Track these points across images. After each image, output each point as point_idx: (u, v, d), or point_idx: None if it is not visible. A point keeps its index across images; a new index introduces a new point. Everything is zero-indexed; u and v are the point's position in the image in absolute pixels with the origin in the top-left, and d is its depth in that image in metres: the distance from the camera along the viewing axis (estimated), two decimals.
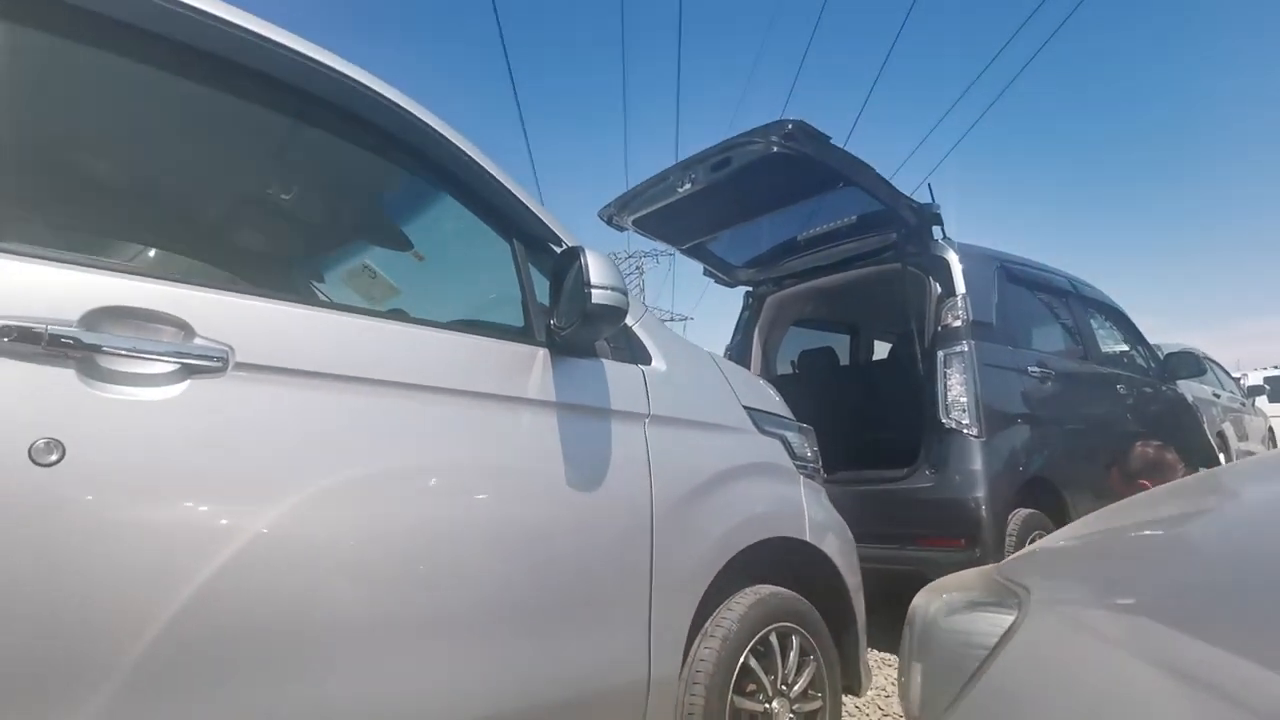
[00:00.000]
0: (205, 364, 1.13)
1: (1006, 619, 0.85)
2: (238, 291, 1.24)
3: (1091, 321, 4.84)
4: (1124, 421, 4.62)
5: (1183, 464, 4.62)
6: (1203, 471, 1.24)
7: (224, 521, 1.12)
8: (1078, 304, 4.79)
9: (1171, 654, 0.63)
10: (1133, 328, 5.36)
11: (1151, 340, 5.63)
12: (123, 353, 1.07)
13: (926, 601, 1.03)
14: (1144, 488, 4.09)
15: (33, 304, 1.01)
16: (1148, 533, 1.00)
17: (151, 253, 1.48)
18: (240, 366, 1.17)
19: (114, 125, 1.48)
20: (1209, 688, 0.57)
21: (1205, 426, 6.16)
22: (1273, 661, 0.56)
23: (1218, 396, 8.97)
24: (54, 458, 0.98)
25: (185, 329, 1.13)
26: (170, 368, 1.11)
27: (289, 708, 1.16)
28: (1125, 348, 5.19)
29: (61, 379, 1.01)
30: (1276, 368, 15.00)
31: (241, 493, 1.15)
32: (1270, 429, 10.96)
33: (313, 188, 1.84)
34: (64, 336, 1.01)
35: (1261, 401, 11.36)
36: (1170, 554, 0.91)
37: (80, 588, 0.99)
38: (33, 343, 0.99)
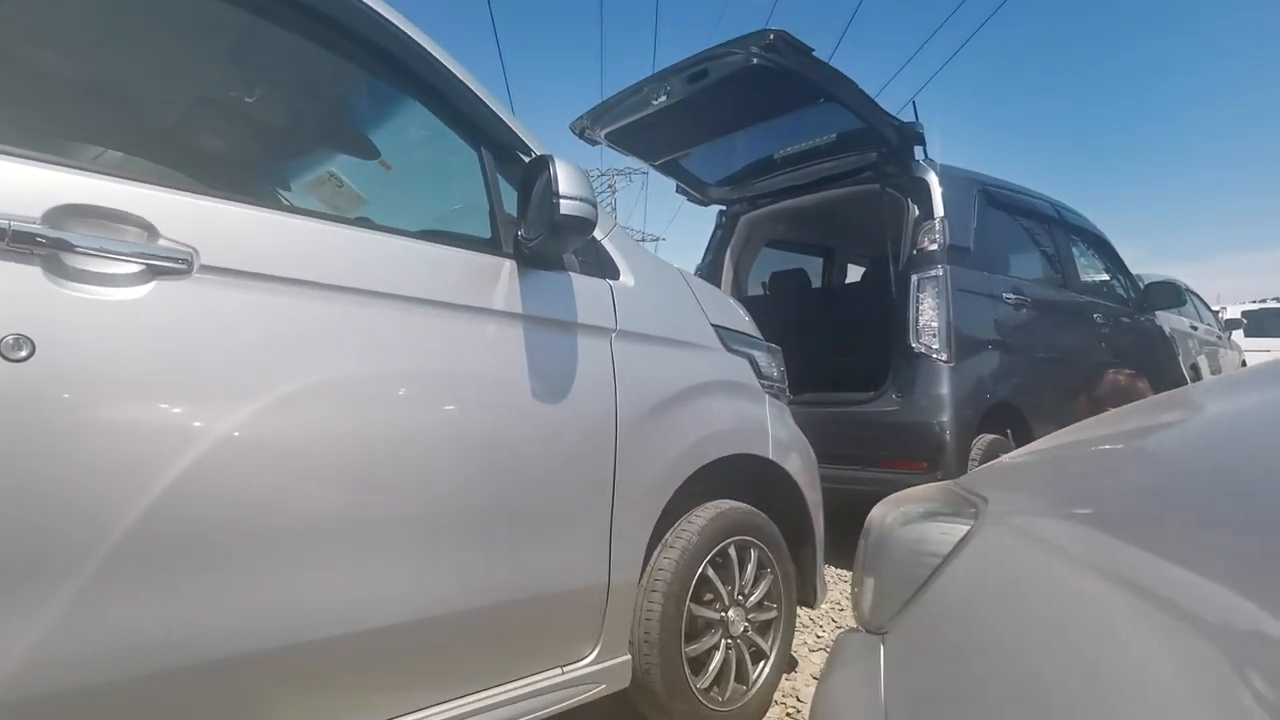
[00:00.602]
0: (170, 265, 1.17)
1: (961, 528, 0.88)
2: (202, 194, 1.27)
3: (1073, 249, 4.92)
4: (1098, 350, 4.75)
5: (1149, 391, 4.80)
6: (1167, 391, 1.29)
7: (188, 421, 1.18)
8: (1060, 231, 4.86)
9: (1120, 564, 0.65)
10: (1115, 256, 5.45)
11: (1135, 270, 5.75)
12: (88, 251, 1.10)
13: (883, 513, 1.06)
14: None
15: None
16: (1108, 446, 1.03)
17: (115, 153, 1.48)
18: (205, 269, 1.21)
19: (78, 23, 1.47)
20: (1155, 598, 0.59)
21: (1180, 358, 6.36)
22: (1218, 572, 0.57)
23: (1195, 329, 9.20)
24: (23, 353, 1.02)
25: (150, 229, 1.16)
26: (136, 268, 1.15)
27: (255, 604, 1.24)
28: (1106, 276, 5.30)
29: (27, 275, 1.05)
30: (1255, 302, 15.31)
31: (205, 394, 1.20)
32: (1244, 363, 11.29)
33: (277, 91, 1.84)
34: (27, 232, 1.04)
35: (1238, 335, 11.64)
36: (1127, 465, 0.94)
37: (49, 481, 1.05)
38: None
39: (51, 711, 1.06)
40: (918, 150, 3.99)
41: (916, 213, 3.85)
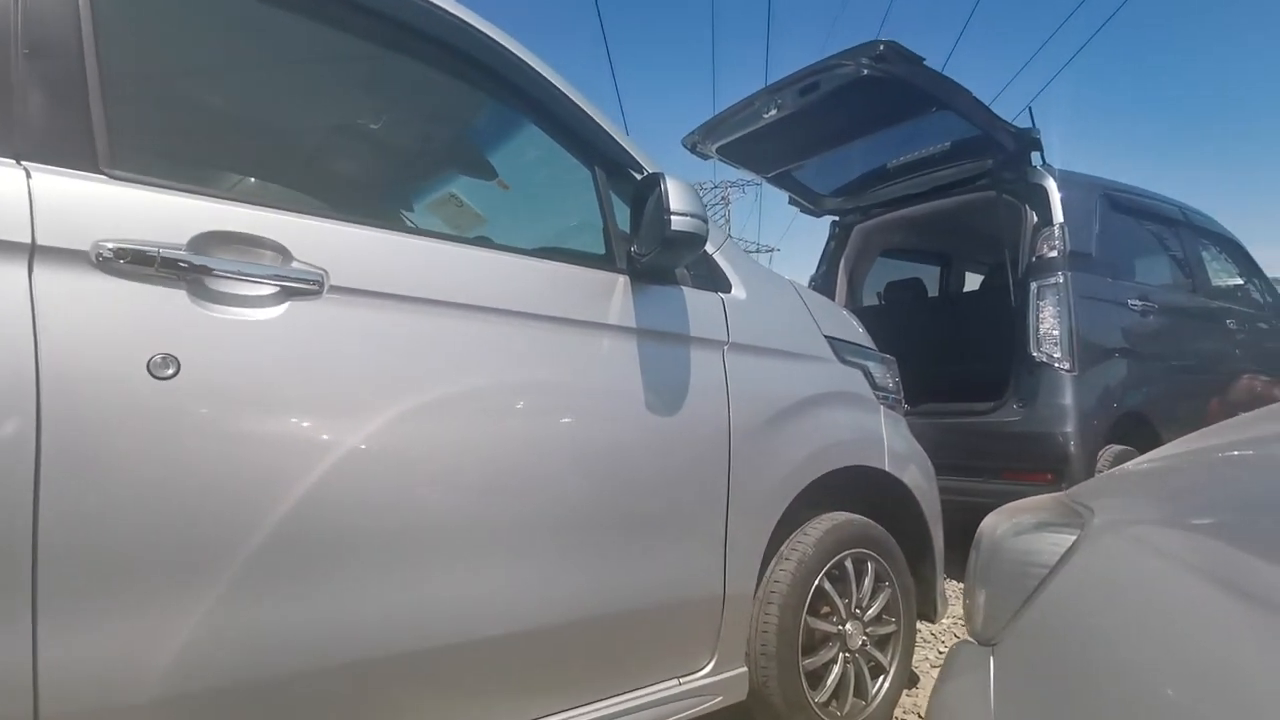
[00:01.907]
0: (302, 286, 1.16)
1: (1069, 539, 0.84)
2: (331, 218, 1.26)
3: (1202, 253, 4.52)
4: (1232, 357, 4.34)
5: None
6: None
7: (323, 434, 1.16)
8: (1188, 235, 4.46)
9: (1232, 571, 0.61)
10: (1249, 260, 4.97)
11: (1272, 274, 5.19)
12: (228, 275, 1.10)
13: (995, 523, 1.01)
14: None
15: (145, 228, 1.04)
16: (1231, 453, 0.96)
17: (251, 181, 1.51)
18: (335, 290, 1.19)
19: (217, 58, 1.51)
20: (1268, 603, 0.55)
21: None
22: None
23: None
24: (170, 371, 1.02)
25: (284, 253, 1.15)
26: (271, 289, 1.14)
27: (386, 609, 1.22)
28: (1239, 281, 4.83)
29: (174, 299, 1.05)
30: None
31: (338, 408, 1.18)
32: None
33: (400, 117, 1.84)
34: (174, 258, 1.05)
35: None
36: (1246, 474, 0.88)
37: (196, 491, 1.05)
38: (146, 264, 1.02)
39: (202, 707, 1.07)
40: (1035, 156, 3.72)
41: (1035, 219, 3.59)
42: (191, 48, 1.47)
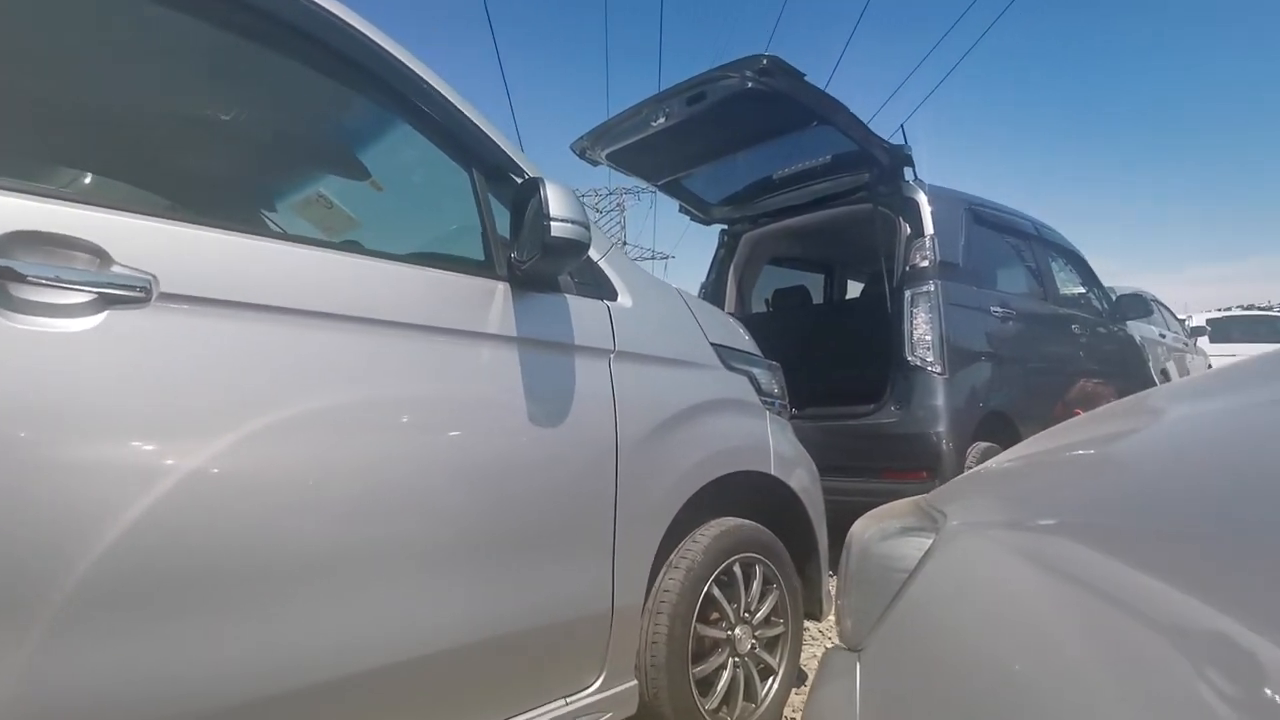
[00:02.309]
0: (125, 294, 1.00)
1: (928, 543, 0.85)
2: (162, 217, 1.09)
3: (1052, 264, 4.81)
4: (1077, 359, 4.63)
5: (1119, 396, 4.65)
6: (1130, 396, 1.22)
7: (149, 460, 1.00)
8: (1040, 247, 4.75)
9: (1078, 570, 0.62)
10: (1089, 270, 5.36)
11: (1109, 283, 5.62)
12: (35, 280, 0.93)
13: (863, 528, 1.00)
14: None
15: None
16: (1075, 453, 0.99)
17: (68, 176, 1.32)
18: (165, 297, 1.03)
19: (36, 37, 1.29)
20: (1111, 601, 0.56)
21: (1150, 364, 6.23)
22: (1173, 575, 0.55)
23: (1163, 337, 9.07)
24: None
25: (101, 256, 0.99)
26: (86, 297, 0.97)
27: (237, 648, 1.07)
28: (1081, 289, 5.20)
29: None
30: (1219, 310, 15.08)
31: (168, 430, 1.03)
32: (1210, 367, 11.10)
33: (256, 108, 1.66)
34: None
35: (1203, 342, 11.47)
36: (1090, 474, 0.90)
37: (1, 525, 0.89)
38: None
39: None
40: (907, 171, 3.85)
41: (908, 231, 3.71)
42: (6, 28, 1.26)
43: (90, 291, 0.97)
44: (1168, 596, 0.53)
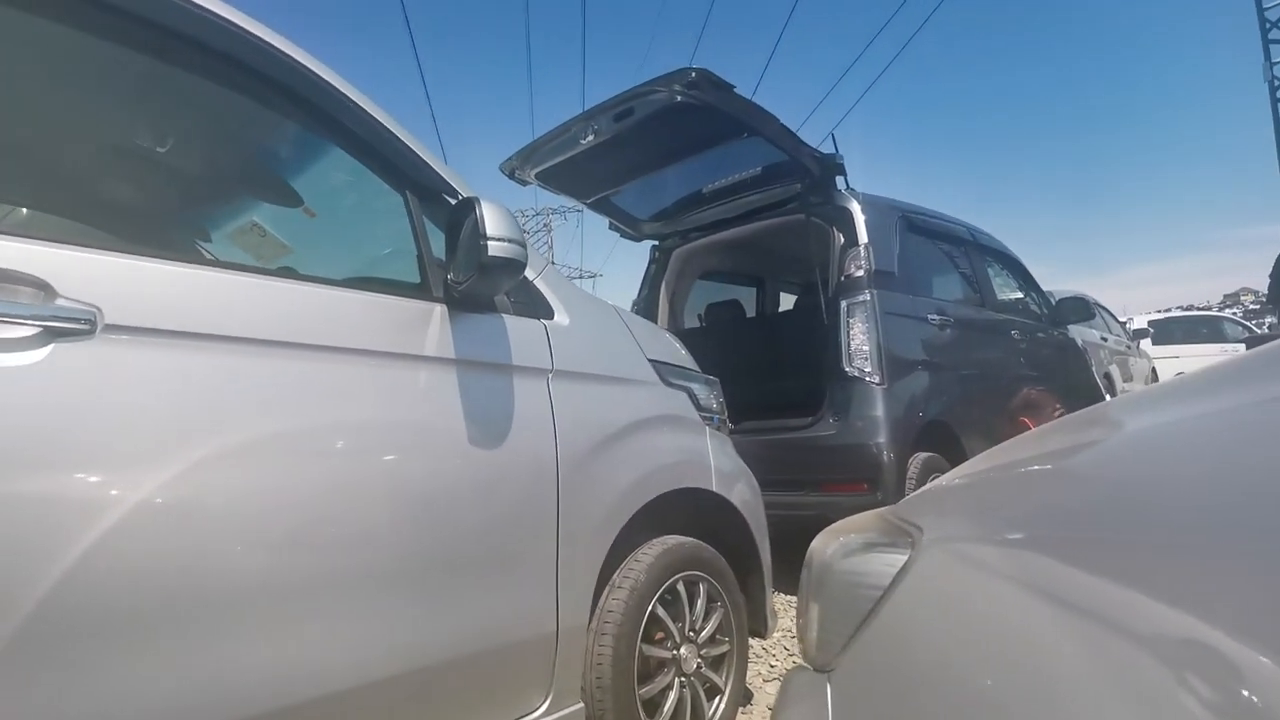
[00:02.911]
0: (70, 326, 1.08)
1: (899, 559, 0.86)
2: (105, 249, 1.18)
3: (989, 269, 5.04)
4: (1017, 365, 4.85)
5: (1060, 403, 4.96)
6: (1088, 407, 1.31)
7: (98, 490, 1.08)
8: (976, 252, 4.98)
9: (1054, 584, 0.65)
10: (1027, 275, 5.62)
11: (1045, 287, 5.95)
12: None
13: (824, 544, 1.03)
14: (1025, 426, 4.37)
15: None
16: (1034, 467, 1.02)
17: (15, 210, 1.38)
18: (111, 328, 1.12)
19: None
20: (1089, 614, 0.59)
21: (1093, 368, 6.59)
22: (1145, 584, 0.58)
23: (1105, 340, 9.55)
24: None
25: (45, 289, 1.07)
26: (30, 331, 1.05)
27: (176, 680, 1.14)
28: (1020, 294, 5.45)
29: None
30: (1160, 312, 15.96)
31: (116, 462, 1.11)
32: (1153, 369, 11.75)
33: (191, 138, 1.74)
34: None
35: (1146, 344, 12.15)
36: (1050, 487, 0.94)
37: None
38: None
39: None
40: (839, 180, 4.05)
41: (842, 240, 3.89)
42: None
43: (35, 325, 1.05)
44: (1145, 606, 0.55)
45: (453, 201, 1.68)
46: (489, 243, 1.49)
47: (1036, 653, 0.61)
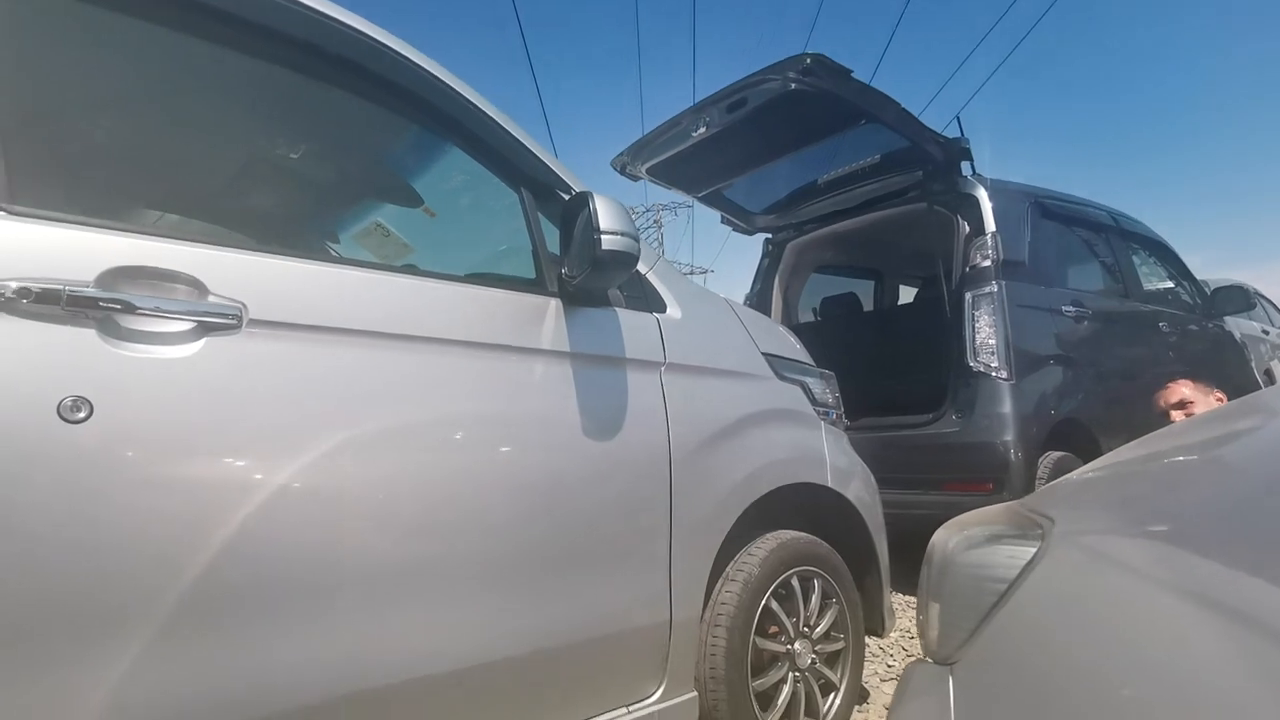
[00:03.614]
0: (220, 321, 1.18)
1: (1027, 551, 0.84)
2: (249, 250, 1.28)
3: (1133, 257, 4.75)
4: (1165, 360, 4.53)
5: (1222, 397, 4.58)
6: (1241, 398, 1.19)
7: (246, 474, 1.17)
8: (1118, 239, 4.70)
9: (1197, 581, 0.62)
10: (1178, 262, 5.26)
11: (1201, 276, 5.51)
12: (139, 311, 1.11)
13: (946, 537, 1.01)
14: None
15: (50, 266, 1.05)
16: (1179, 458, 0.98)
17: (163, 214, 1.52)
18: (254, 323, 1.21)
19: (123, 88, 1.52)
20: (1235, 614, 0.56)
21: (1253, 363, 6.06)
22: None
23: (1266, 333, 8.77)
24: (82, 415, 1.03)
25: (199, 287, 1.17)
26: (186, 325, 1.15)
27: (320, 654, 1.23)
28: (1169, 284, 5.10)
29: (83, 338, 1.06)
30: None
31: (261, 447, 1.20)
32: None
33: (321, 145, 1.87)
34: (82, 296, 1.05)
35: None
36: (1200, 478, 0.89)
37: (114, 540, 1.05)
38: (52, 303, 1.03)
39: None
40: (965, 166, 3.90)
41: (967, 229, 3.74)
42: (99, 79, 1.48)
43: (189, 320, 1.16)
44: None
45: (566, 197, 1.72)
46: (603, 236, 1.51)
47: (1181, 656, 0.58)
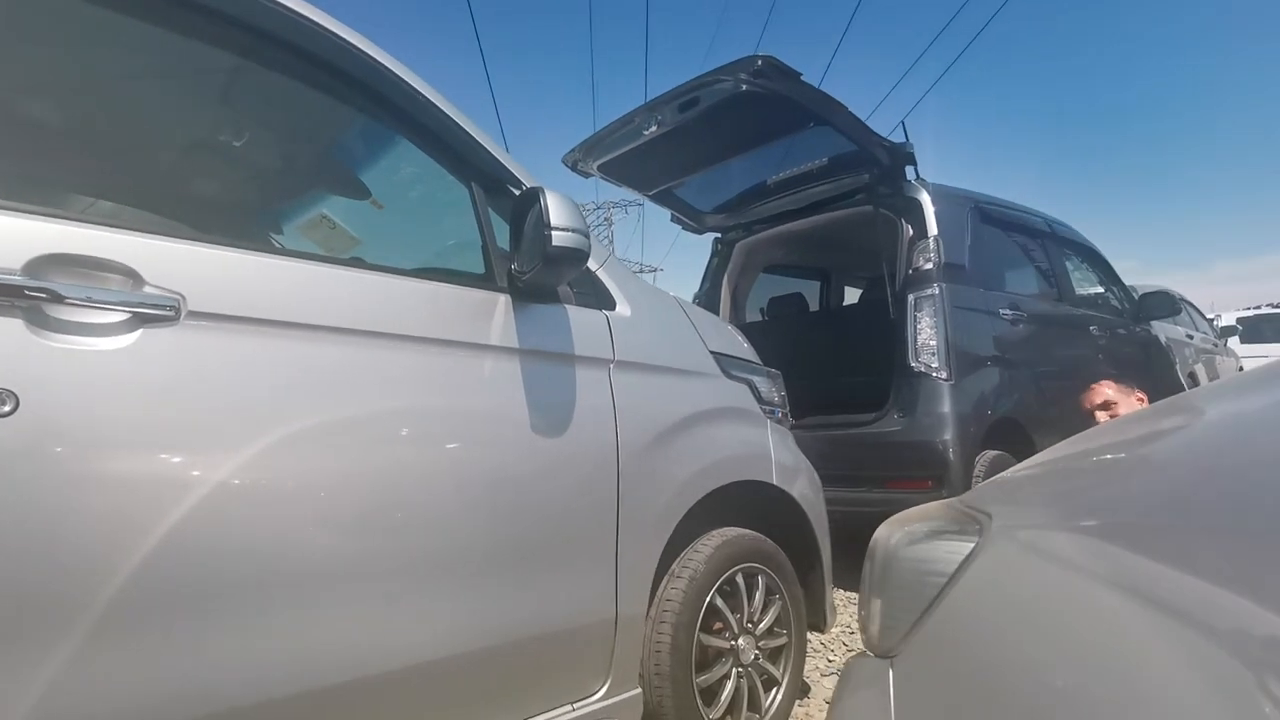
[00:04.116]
0: (156, 313, 1.14)
1: (966, 546, 0.86)
2: (187, 239, 1.24)
3: (1067, 263, 4.90)
4: (1095, 363, 4.69)
5: (1143, 398, 4.76)
6: (1170, 397, 1.23)
7: (181, 471, 1.14)
8: (1053, 245, 4.85)
9: (1130, 575, 0.63)
10: (1108, 268, 5.44)
11: (1129, 282, 5.73)
12: (70, 301, 1.07)
13: (888, 533, 1.03)
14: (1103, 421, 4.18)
15: None
16: (1111, 456, 1.00)
17: (97, 201, 1.46)
18: (193, 315, 1.18)
19: (57, 68, 1.45)
20: (1168, 608, 0.57)
21: (1177, 367, 6.32)
22: (1228, 578, 0.56)
23: (1191, 337, 9.14)
24: (7, 408, 0.99)
25: (134, 277, 1.13)
26: (120, 317, 1.11)
27: (256, 654, 1.20)
28: (1100, 289, 5.28)
29: (9, 328, 1.02)
30: (1249, 309, 15.07)
31: (198, 442, 1.17)
32: (1241, 369, 11.19)
33: (265, 133, 1.82)
34: (8, 284, 1.01)
35: (1234, 342, 11.54)
36: (1131, 475, 0.92)
37: (40, 537, 1.02)
38: None
39: None
40: (909, 170, 3.97)
41: (911, 232, 3.82)
42: (35, 58, 1.41)
43: (125, 310, 1.12)
44: (1227, 602, 0.54)
45: (517, 192, 1.71)
46: (553, 233, 1.51)
47: (1114, 647, 0.59)
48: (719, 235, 5.07)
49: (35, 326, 1.04)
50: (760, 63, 3.16)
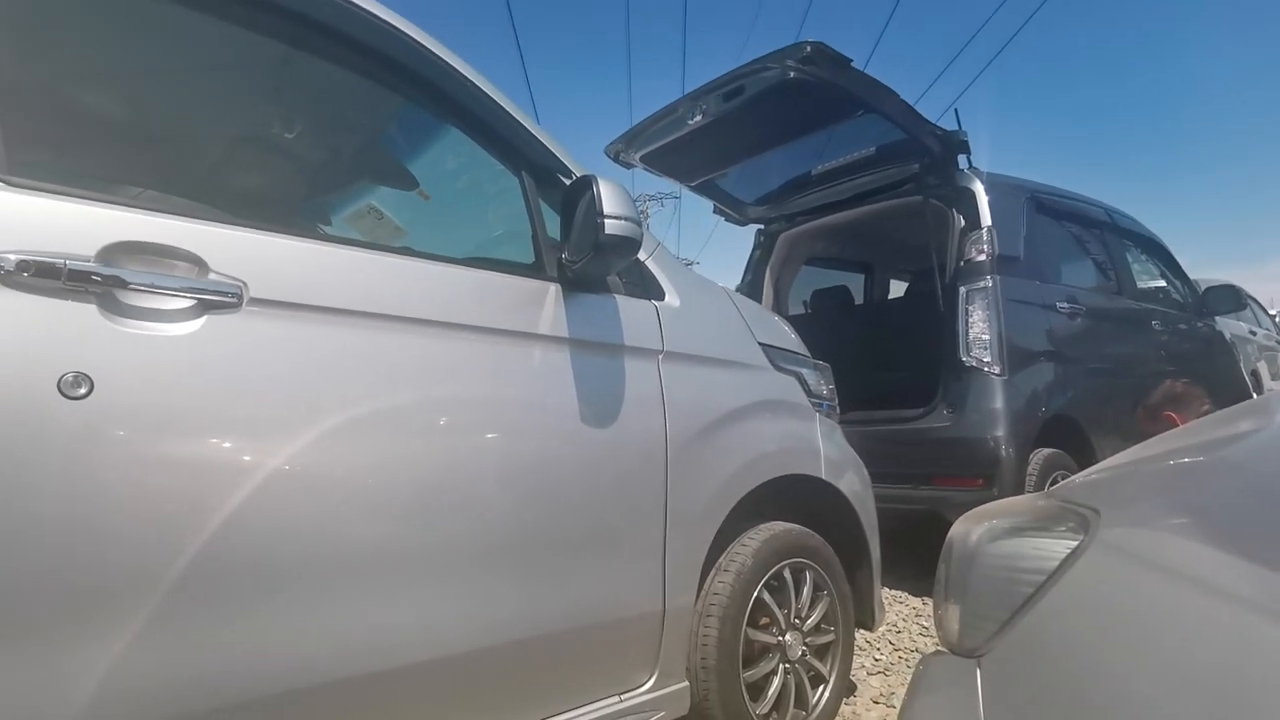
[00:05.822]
0: (220, 299, 1.19)
1: (1061, 543, 0.84)
2: (249, 227, 1.28)
3: (1127, 255, 4.79)
4: (1156, 358, 4.59)
5: (1209, 399, 4.63)
6: (1254, 398, 1.20)
7: (243, 453, 1.19)
8: (1113, 236, 4.74)
9: (1259, 591, 0.61)
10: (1172, 261, 5.31)
11: (1191, 276, 5.58)
12: (141, 288, 1.12)
13: (966, 530, 1.01)
14: (1170, 422, 4.09)
15: (50, 239, 1.05)
16: (1224, 454, 0.98)
17: (162, 190, 1.52)
18: (255, 301, 1.22)
19: (126, 62, 1.51)
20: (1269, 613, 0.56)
21: (1241, 364, 6.14)
22: None
23: (1254, 334, 8.89)
24: (83, 391, 1.04)
25: (200, 264, 1.18)
26: (187, 303, 1.16)
27: (307, 635, 1.24)
28: (1162, 282, 5.15)
29: (84, 314, 1.06)
30: None
31: (258, 426, 1.21)
32: None
33: (318, 125, 1.87)
34: (82, 271, 1.06)
35: None
36: (1237, 476, 0.90)
37: (111, 517, 1.06)
38: (52, 277, 1.03)
39: None
40: (962, 159, 3.91)
41: (962, 223, 3.76)
42: (101, 53, 1.47)
43: (190, 297, 1.16)
44: None
45: (567, 181, 1.72)
46: (606, 221, 1.52)
47: (1228, 665, 0.57)
48: (761, 227, 5.05)
49: (107, 312, 1.09)
50: (809, 49, 3.13)
